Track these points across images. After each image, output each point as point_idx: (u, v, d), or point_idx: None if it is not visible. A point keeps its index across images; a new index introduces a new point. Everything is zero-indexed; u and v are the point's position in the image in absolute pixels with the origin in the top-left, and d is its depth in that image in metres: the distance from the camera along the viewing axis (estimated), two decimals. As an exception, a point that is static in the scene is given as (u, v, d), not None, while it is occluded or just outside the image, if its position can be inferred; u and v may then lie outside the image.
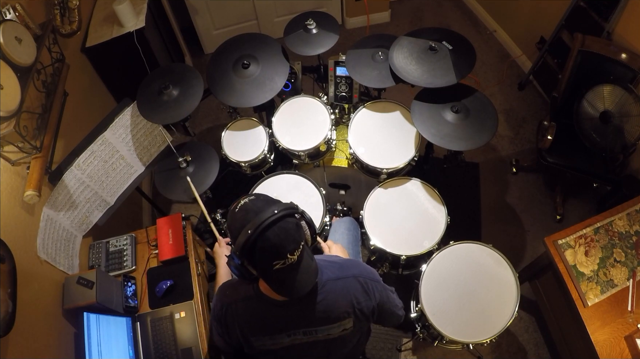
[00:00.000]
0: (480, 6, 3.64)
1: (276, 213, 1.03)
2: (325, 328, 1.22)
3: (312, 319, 1.20)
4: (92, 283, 1.63)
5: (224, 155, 2.10)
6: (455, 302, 1.68)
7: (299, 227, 1.08)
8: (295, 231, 1.06)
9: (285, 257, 1.03)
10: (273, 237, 1.02)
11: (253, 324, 1.23)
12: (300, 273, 1.09)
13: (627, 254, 1.78)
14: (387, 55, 1.99)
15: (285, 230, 1.04)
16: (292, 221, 1.06)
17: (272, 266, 1.04)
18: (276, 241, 1.02)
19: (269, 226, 1.02)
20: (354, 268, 1.26)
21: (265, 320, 1.21)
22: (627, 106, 2.12)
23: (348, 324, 1.24)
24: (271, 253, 1.03)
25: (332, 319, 1.21)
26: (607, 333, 1.64)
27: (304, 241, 1.09)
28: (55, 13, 2.01)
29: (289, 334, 1.22)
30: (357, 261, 1.32)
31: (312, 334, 1.23)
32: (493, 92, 3.22)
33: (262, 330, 1.23)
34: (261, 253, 1.03)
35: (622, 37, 2.29)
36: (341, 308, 1.20)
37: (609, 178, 2.32)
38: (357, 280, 1.23)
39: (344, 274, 1.22)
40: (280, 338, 1.23)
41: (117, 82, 2.59)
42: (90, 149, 1.86)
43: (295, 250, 1.05)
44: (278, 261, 1.03)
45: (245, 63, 2.02)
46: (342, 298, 1.20)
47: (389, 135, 2.04)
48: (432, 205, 1.93)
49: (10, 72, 1.49)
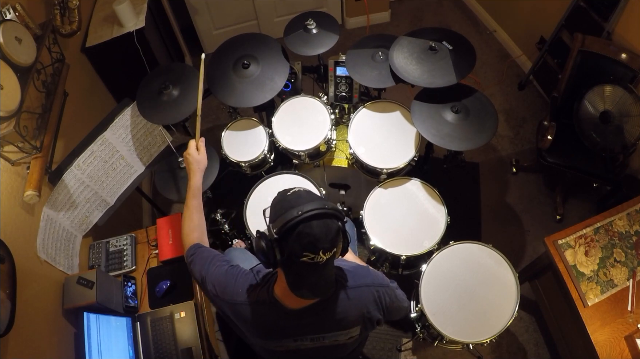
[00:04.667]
0: (480, 6, 3.64)
1: (327, 207, 1.03)
2: (333, 335, 1.21)
3: (322, 326, 1.19)
4: (92, 283, 1.63)
5: (224, 155, 2.09)
6: (455, 302, 1.68)
7: (339, 232, 1.07)
8: (335, 233, 1.05)
9: (317, 253, 1.01)
10: (316, 227, 1.01)
11: (260, 329, 1.21)
12: (320, 276, 1.08)
13: (627, 254, 1.78)
14: (387, 55, 1.99)
15: (328, 227, 1.03)
16: (337, 224, 1.06)
17: (300, 257, 1.02)
18: (317, 233, 1.01)
19: (317, 216, 1.01)
20: (366, 277, 1.24)
21: (274, 326, 1.19)
22: (627, 106, 2.12)
23: (355, 333, 1.23)
24: (306, 243, 1.01)
25: (342, 327, 1.20)
26: (607, 333, 1.64)
27: (336, 248, 1.07)
28: (55, 13, 2.01)
29: (295, 340, 1.21)
30: (367, 269, 1.30)
31: (319, 341, 1.22)
32: (493, 92, 3.22)
33: (268, 335, 1.21)
34: (297, 239, 1.01)
35: (622, 37, 2.29)
36: (352, 317, 1.19)
37: (609, 178, 2.32)
38: (370, 289, 1.21)
39: (357, 283, 1.20)
40: (287, 343, 1.22)
41: (117, 82, 2.59)
42: (90, 149, 1.86)
43: (328, 251, 1.03)
44: (308, 253, 1.01)
45: (245, 64, 2.01)
46: (354, 308, 1.18)
47: (389, 135, 2.04)
48: (432, 205, 1.93)
49: (10, 72, 1.49)
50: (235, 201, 2.46)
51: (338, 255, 1.11)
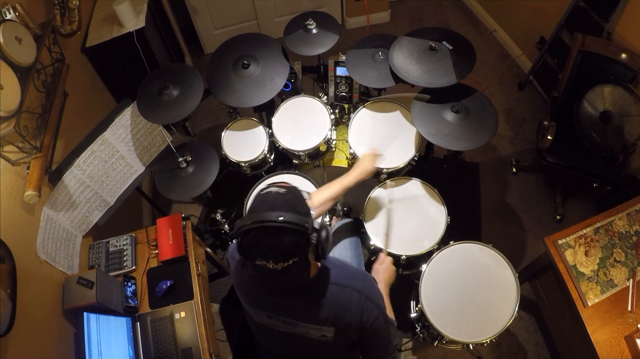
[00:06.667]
0: (480, 6, 3.64)
1: (280, 221, 0.99)
2: (305, 326, 1.21)
3: (293, 312, 1.20)
4: (92, 283, 1.63)
5: (224, 155, 2.10)
6: (455, 302, 1.68)
7: (296, 245, 1.02)
8: (288, 246, 1.01)
9: (268, 261, 1.02)
10: (262, 240, 1.01)
11: (243, 292, 1.28)
12: (280, 280, 1.07)
13: (627, 254, 1.78)
14: (387, 55, 1.99)
15: (278, 241, 1.01)
16: (291, 237, 1.01)
17: (254, 260, 1.04)
18: (263, 245, 1.02)
19: (264, 229, 1.01)
20: (360, 282, 1.21)
21: (253, 294, 1.25)
22: (627, 106, 2.12)
23: (329, 333, 1.21)
24: (255, 251, 1.03)
25: (312, 320, 1.19)
26: (607, 333, 1.64)
27: (297, 258, 1.03)
28: (55, 13, 2.01)
29: (269, 316, 1.24)
30: (371, 279, 1.28)
31: (291, 326, 1.23)
32: (493, 92, 3.22)
33: (249, 301, 1.27)
34: (248, 244, 1.04)
35: (622, 37, 2.29)
36: (325, 313, 1.17)
37: (609, 178, 2.32)
38: (354, 294, 1.18)
39: (346, 283, 1.19)
40: (261, 315, 1.26)
41: (117, 82, 2.59)
42: (90, 149, 1.86)
43: (281, 262, 1.02)
44: (260, 260, 1.03)
45: (245, 64, 2.02)
46: (329, 304, 1.16)
47: (389, 135, 2.04)
48: (432, 205, 1.93)
49: (10, 72, 1.49)
50: (235, 201, 2.46)
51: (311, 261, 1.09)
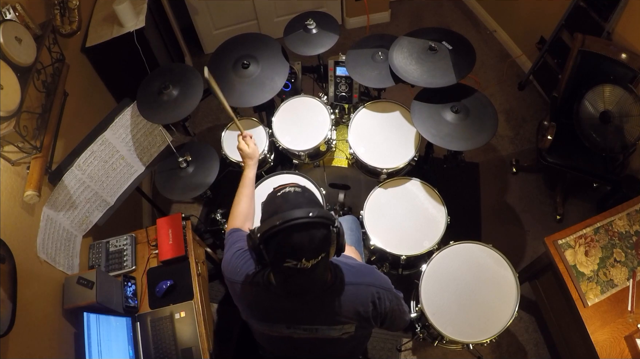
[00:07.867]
0: (480, 6, 3.64)
1: (311, 216, 1.00)
2: (326, 328, 1.22)
3: (315, 317, 1.20)
4: (92, 283, 1.63)
5: (224, 155, 2.10)
6: (455, 302, 1.68)
7: (326, 239, 1.04)
8: (320, 242, 1.02)
9: (299, 261, 1.01)
10: (296, 238, 1.00)
11: (255, 310, 1.24)
12: (307, 279, 1.08)
13: (627, 254, 1.78)
14: (387, 55, 1.99)
15: (311, 236, 1.00)
16: (322, 231, 1.02)
17: (283, 262, 1.02)
18: (297, 244, 1.00)
19: (297, 226, 0.99)
20: (368, 276, 1.24)
21: (269, 309, 1.21)
22: (627, 106, 2.12)
23: (350, 329, 1.23)
24: (287, 252, 1.01)
25: (335, 321, 1.20)
26: (607, 333, 1.64)
27: (325, 254, 1.05)
28: (55, 13, 2.01)
29: (288, 326, 1.23)
30: (372, 268, 1.30)
31: (312, 332, 1.23)
32: (493, 92, 3.22)
33: (263, 317, 1.24)
34: (278, 247, 1.02)
35: (622, 37, 2.29)
36: (346, 313, 1.19)
37: (609, 178, 2.32)
38: (369, 288, 1.20)
39: (357, 280, 1.20)
40: (280, 328, 1.24)
41: (117, 82, 2.59)
42: (90, 149, 1.86)
43: (312, 259, 1.02)
44: (291, 260, 1.02)
45: (245, 64, 2.02)
46: (349, 304, 1.18)
47: (389, 135, 2.04)
48: (432, 205, 1.93)
49: (10, 72, 1.49)
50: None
51: (332, 256, 1.10)
